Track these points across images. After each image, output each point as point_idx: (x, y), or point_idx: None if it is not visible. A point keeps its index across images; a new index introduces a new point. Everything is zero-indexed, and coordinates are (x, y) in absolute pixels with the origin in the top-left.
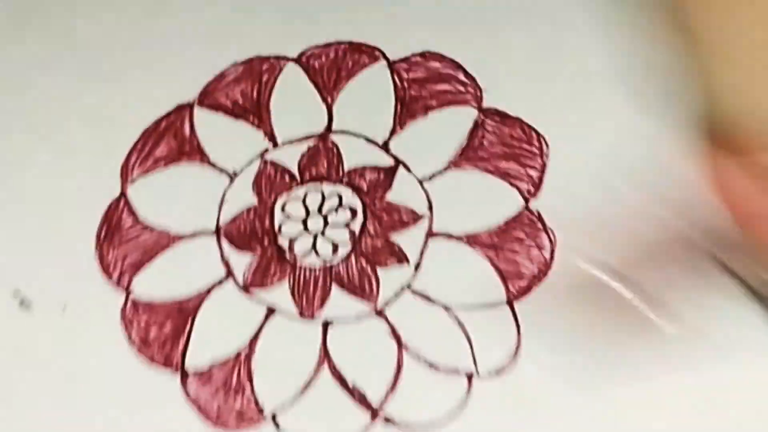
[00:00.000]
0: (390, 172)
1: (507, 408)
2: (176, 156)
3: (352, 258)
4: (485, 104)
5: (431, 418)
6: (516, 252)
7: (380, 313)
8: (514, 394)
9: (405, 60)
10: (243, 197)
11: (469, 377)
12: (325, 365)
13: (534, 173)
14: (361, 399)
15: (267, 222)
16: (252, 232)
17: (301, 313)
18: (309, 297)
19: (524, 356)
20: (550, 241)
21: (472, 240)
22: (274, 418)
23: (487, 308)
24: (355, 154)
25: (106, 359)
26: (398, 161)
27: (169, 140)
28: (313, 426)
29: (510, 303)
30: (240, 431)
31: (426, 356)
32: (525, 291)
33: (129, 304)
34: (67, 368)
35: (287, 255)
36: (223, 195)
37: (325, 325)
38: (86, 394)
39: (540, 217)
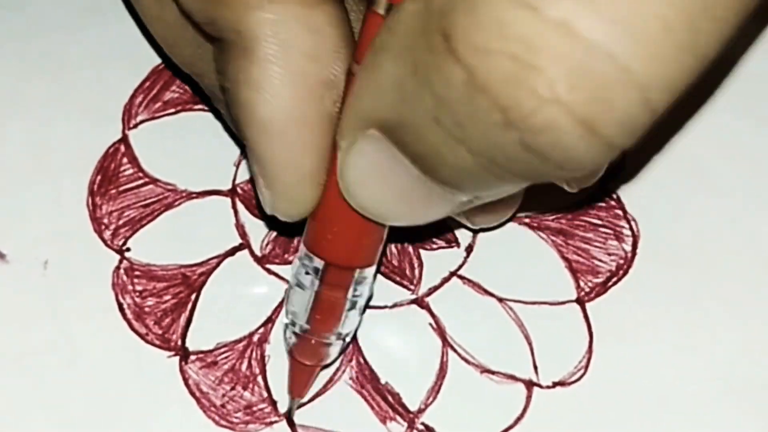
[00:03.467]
0: None
1: (571, 425)
2: (189, 101)
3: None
4: None
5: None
6: (590, 241)
7: (422, 303)
8: (582, 410)
9: None
10: None
11: (528, 386)
12: (354, 359)
13: None
14: (396, 402)
15: None
16: None
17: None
18: None
19: (595, 366)
20: (633, 231)
21: (535, 222)
22: (289, 416)
23: (551, 306)
24: None
25: (91, 329)
26: None
27: (181, 83)
28: (335, 429)
29: (581, 302)
30: (247, 428)
31: (476, 357)
32: (600, 290)
33: (123, 266)
34: (45, 334)
35: None
36: (242, 150)
37: None
38: (67, 367)
39: (619, 201)
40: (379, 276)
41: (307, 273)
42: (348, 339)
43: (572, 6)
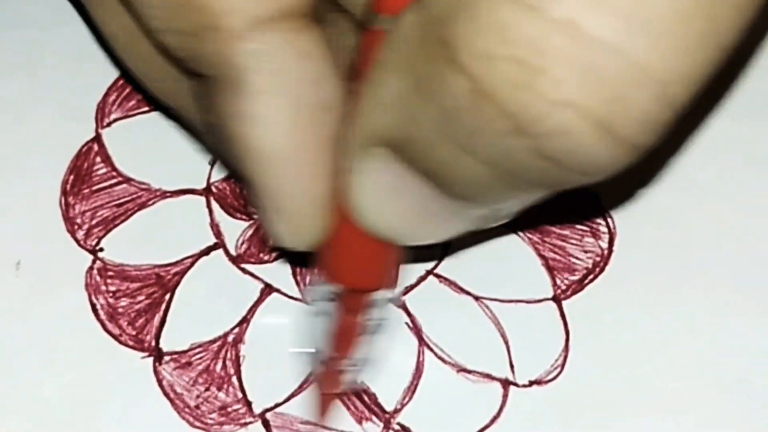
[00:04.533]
0: None
1: (548, 424)
2: None
3: None
4: None
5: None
6: (566, 238)
7: (398, 302)
8: (558, 408)
9: None
10: None
11: (505, 385)
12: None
13: None
14: (372, 403)
15: None
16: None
17: (304, 296)
18: (314, 277)
19: (572, 364)
20: (609, 228)
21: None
22: (264, 417)
23: (528, 304)
24: None
25: (64, 330)
26: None
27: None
28: (311, 430)
29: (557, 300)
30: (222, 429)
31: (452, 356)
32: (576, 287)
33: (96, 267)
34: (17, 335)
35: None
36: None
37: None
38: (39, 369)
39: (596, 198)
40: None
41: (322, 299)
42: (367, 363)
43: (577, 3)
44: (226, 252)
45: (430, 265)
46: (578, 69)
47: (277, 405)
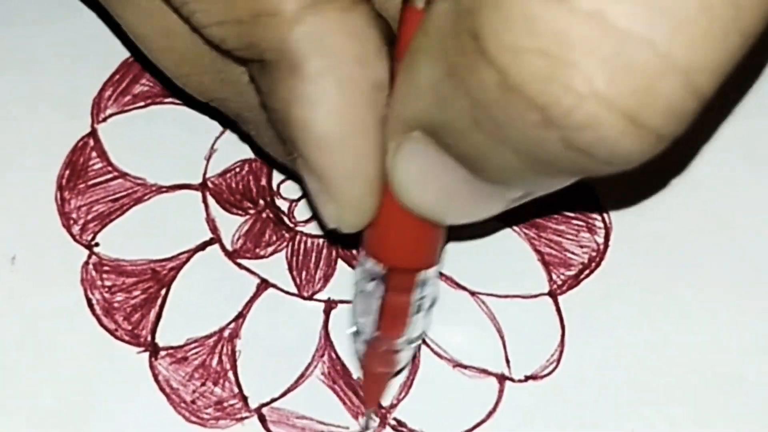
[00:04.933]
0: None
1: (543, 419)
2: (159, 94)
3: None
4: None
5: (452, 427)
6: (562, 233)
7: None
8: (554, 403)
9: None
10: (236, 148)
11: (501, 380)
12: (326, 355)
13: None
14: None
15: (264, 179)
16: (245, 190)
17: (300, 291)
18: (310, 272)
19: (568, 359)
20: (605, 223)
21: (507, 215)
22: (260, 412)
23: (524, 299)
24: None
25: (60, 325)
26: None
27: (151, 76)
28: (307, 425)
29: (553, 295)
30: (218, 424)
31: (448, 351)
32: (572, 282)
33: (92, 262)
34: (13, 330)
35: (286, 220)
36: (213, 144)
37: (328, 307)
38: (35, 364)
39: (592, 192)
40: (349, 269)
41: (369, 280)
42: (417, 342)
43: None
44: (222, 247)
45: None
46: (606, 61)
47: (273, 400)
